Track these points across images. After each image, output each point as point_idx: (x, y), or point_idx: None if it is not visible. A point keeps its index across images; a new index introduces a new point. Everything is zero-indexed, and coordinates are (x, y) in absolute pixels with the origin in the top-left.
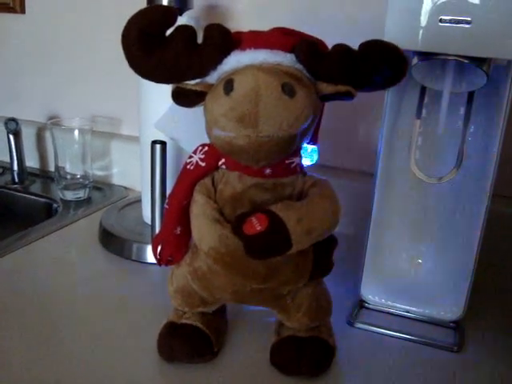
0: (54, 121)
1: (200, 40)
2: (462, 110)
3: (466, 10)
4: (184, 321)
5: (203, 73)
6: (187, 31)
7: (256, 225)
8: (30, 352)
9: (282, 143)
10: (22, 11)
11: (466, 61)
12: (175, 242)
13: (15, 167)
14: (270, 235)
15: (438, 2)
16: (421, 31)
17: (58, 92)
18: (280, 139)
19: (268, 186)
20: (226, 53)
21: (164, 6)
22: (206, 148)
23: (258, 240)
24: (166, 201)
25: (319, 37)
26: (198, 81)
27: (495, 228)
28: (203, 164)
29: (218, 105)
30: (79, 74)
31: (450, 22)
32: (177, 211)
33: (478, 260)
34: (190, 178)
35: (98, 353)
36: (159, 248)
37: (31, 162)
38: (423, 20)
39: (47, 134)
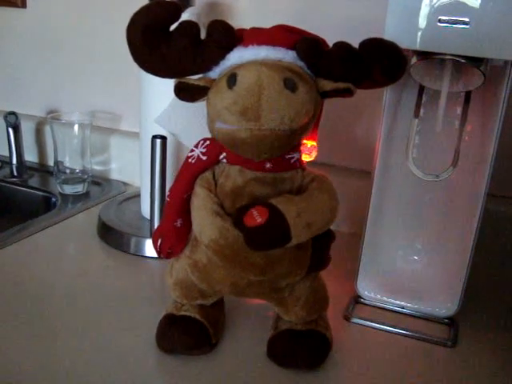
0: (54, 115)
1: (203, 36)
2: (459, 110)
3: (464, 11)
4: (183, 313)
5: (206, 68)
6: (191, 27)
7: (256, 217)
8: (28, 343)
9: (283, 137)
10: (23, 5)
11: (463, 60)
12: (175, 234)
13: (14, 161)
14: (270, 227)
15: (437, 3)
16: (420, 31)
17: (58, 86)
18: (281, 133)
19: (268, 180)
20: (228, 49)
21: (168, 2)
22: (208, 142)
23: (258, 232)
24: (167, 193)
25: (320, 35)
26: (200, 76)
27: (490, 226)
28: (204, 158)
29: (221, 98)
30: (79, 68)
31: (449, 22)
32: (177, 204)
33: (473, 257)
34: (191, 172)
35: (97, 345)
36: (159, 240)
37: (30, 156)
38: (422, 20)
39: (47, 129)
